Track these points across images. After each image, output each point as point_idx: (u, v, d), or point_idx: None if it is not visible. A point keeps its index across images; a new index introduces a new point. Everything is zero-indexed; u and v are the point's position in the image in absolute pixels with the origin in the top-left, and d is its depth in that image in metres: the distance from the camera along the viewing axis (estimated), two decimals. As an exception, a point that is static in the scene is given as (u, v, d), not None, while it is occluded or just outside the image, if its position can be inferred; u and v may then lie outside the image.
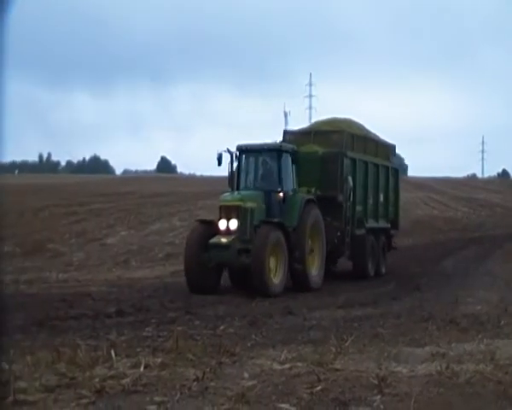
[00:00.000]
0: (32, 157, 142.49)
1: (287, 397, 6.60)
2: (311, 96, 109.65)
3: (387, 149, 24.27)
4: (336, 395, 6.67)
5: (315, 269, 18.03)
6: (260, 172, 18.32)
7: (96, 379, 7.01)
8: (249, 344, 9.64)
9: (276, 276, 16.49)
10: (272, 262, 16.37)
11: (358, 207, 21.01)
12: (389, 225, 23.42)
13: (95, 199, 45.30)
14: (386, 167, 23.43)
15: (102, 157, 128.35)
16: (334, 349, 8.74)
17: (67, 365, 7.67)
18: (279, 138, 20.45)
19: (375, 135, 24.32)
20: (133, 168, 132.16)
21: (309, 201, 17.96)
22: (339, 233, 19.65)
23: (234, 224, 16.53)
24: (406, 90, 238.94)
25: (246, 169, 18.29)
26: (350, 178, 20.00)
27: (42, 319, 11.74)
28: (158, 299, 15.07)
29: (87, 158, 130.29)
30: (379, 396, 6.59)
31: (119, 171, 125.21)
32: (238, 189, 17.98)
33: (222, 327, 11.28)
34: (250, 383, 7.06)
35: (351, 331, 10.61)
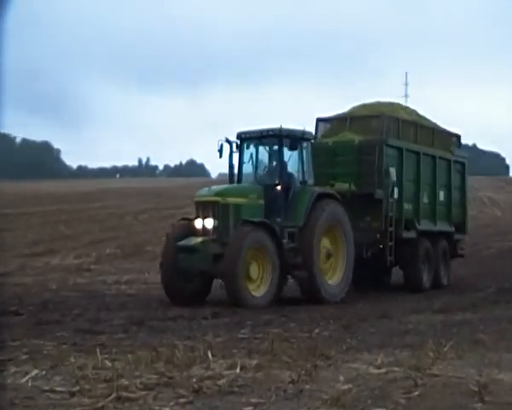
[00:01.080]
0: (132, 162, 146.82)
1: (383, 402, 6.50)
2: (406, 96, 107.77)
3: (448, 139, 20.70)
4: (434, 401, 6.52)
5: (334, 278, 15.39)
6: (260, 162, 15.93)
7: (194, 379, 7.13)
8: (344, 347, 9.55)
9: (260, 287, 14.03)
10: (254, 270, 13.93)
11: (407, 206, 18.14)
12: (452, 229, 20.14)
13: (190, 202, 45.98)
14: (448, 160, 19.97)
15: (198, 161, 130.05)
16: (431, 354, 8.53)
17: (166, 364, 7.84)
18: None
19: (434, 124, 20.79)
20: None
21: (322, 195, 15.17)
22: (378, 236, 17.09)
23: (210, 223, 14.14)
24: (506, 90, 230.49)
25: (246, 160, 15.86)
26: (393, 171, 17.22)
27: (141, 319, 12.06)
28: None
29: (184, 162, 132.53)
30: (480, 404, 6.39)
31: (214, 174, 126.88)
32: (239, 183, 15.82)
33: (317, 330, 11.22)
34: (345, 386, 7.00)
35: (449, 336, 10.33)
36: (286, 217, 14.73)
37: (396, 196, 17.37)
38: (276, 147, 15.47)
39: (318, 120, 18.72)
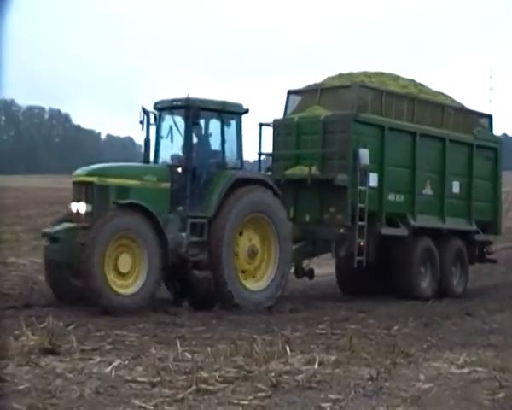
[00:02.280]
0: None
1: (465, 403, 6.37)
2: (491, 89, 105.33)
3: (470, 119, 16.97)
4: (520, 403, 6.33)
5: (260, 281, 12.76)
6: (170, 138, 13.25)
7: (272, 374, 7.16)
8: (425, 346, 9.40)
9: (132, 285, 11.49)
10: (124, 264, 11.43)
11: (393, 197, 14.87)
12: (473, 228, 16.54)
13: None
14: (468, 145, 16.45)
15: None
16: (517, 355, 8.31)
17: (244, 358, 7.92)
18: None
19: (458, 103, 17.40)
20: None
21: (242, 180, 12.51)
22: (342, 230, 14.07)
23: (82, 207, 11.82)
24: None
25: (164, 135, 13.29)
26: (364, 153, 13.98)
27: (221, 312, 12.13)
28: (331, 297, 15.11)
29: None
30: None
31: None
32: (156, 162, 13.29)
33: (396, 327, 11.08)
34: (426, 385, 6.90)
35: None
36: (194, 205, 12.29)
37: (373, 183, 14.34)
38: (183, 120, 12.78)
39: (289, 93, 15.80)
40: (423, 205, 15.49)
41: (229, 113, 13.00)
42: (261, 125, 15.19)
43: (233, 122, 13.08)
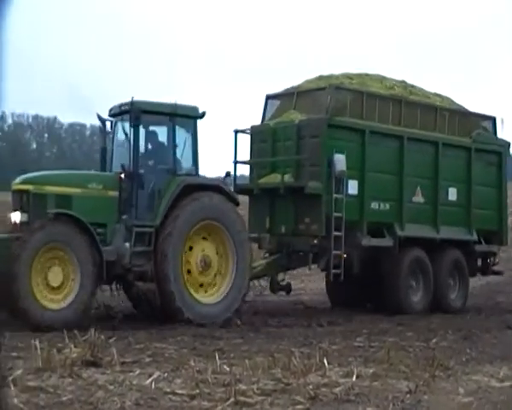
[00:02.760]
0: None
1: (506, 417, 6.30)
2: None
3: (469, 122, 15.39)
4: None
5: (216, 294, 11.98)
6: (123, 144, 12.49)
7: (310, 386, 7.18)
8: (464, 359, 9.30)
9: (63, 299, 10.86)
10: (54, 278, 10.77)
11: (377, 205, 13.69)
12: (473, 237, 15.02)
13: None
14: (466, 149, 14.93)
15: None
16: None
17: (282, 370, 7.93)
18: None
19: (457, 105, 15.95)
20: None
21: (193, 187, 11.81)
22: (315, 241, 13.24)
23: (17, 217, 11.19)
24: None
25: (115, 142, 12.70)
26: (340, 159, 12.91)
27: (259, 325, 12.22)
28: (370, 310, 15.01)
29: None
30: None
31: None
32: (111, 170, 12.51)
33: (435, 340, 10.99)
34: (466, 399, 6.84)
35: None
36: (141, 214, 11.71)
37: (353, 191, 13.38)
38: (128, 125, 12.02)
39: (267, 98, 14.96)
40: (413, 213, 14.16)
41: (182, 116, 12.25)
42: (236, 132, 14.67)
43: (187, 126, 12.38)
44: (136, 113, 11.63)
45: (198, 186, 11.81)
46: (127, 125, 11.95)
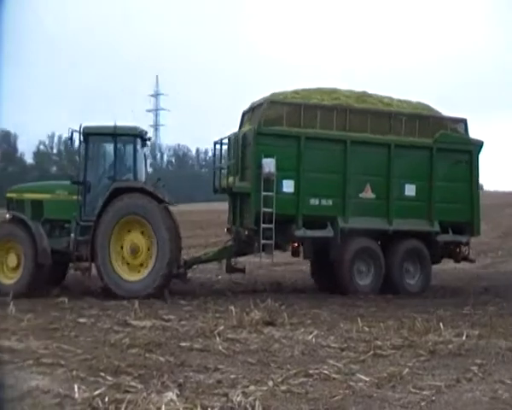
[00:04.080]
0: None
1: None
2: None
3: (435, 124, 12.93)
4: None
5: (140, 274, 11.24)
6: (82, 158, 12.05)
7: (429, 343, 7.16)
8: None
9: (16, 277, 10.99)
10: (11, 261, 11.09)
11: (318, 201, 11.96)
12: (434, 228, 12.57)
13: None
14: (427, 148, 12.60)
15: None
16: None
17: (408, 331, 7.93)
18: None
19: (436, 112, 13.47)
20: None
21: (123, 189, 11.30)
22: (246, 232, 12.06)
23: (7, 216, 11.58)
24: None
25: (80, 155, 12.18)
26: (268, 162, 11.65)
27: (390, 297, 11.79)
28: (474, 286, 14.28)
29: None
30: None
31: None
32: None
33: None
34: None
35: None
36: (88, 212, 11.39)
37: (288, 189, 11.84)
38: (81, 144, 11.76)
39: (243, 113, 13.55)
40: (361, 208, 12.19)
41: (122, 135, 11.69)
42: (215, 143, 13.56)
43: (128, 143, 11.81)
44: (84, 135, 11.54)
45: (126, 189, 11.35)
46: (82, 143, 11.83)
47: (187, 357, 6.37)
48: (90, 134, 11.57)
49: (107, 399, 4.81)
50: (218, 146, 13.53)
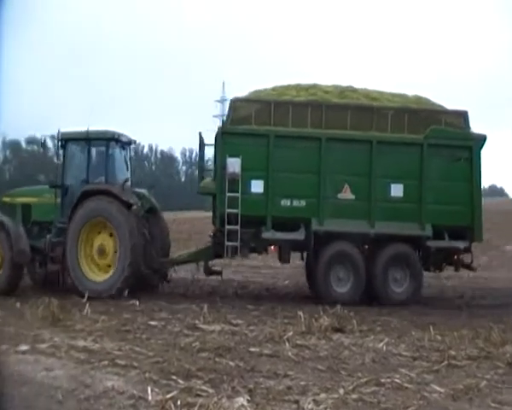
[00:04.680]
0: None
1: None
2: None
3: (422, 119, 11.57)
4: None
5: (105, 273, 11.29)
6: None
7: (507, 355, 6.84)
8: None
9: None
10: None
11: (290, 202, 11.10)
12: (424, 233, 11.11)
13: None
14: (416, 145, 11.24)
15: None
16: None
17: (484, 341, 7.63)
18: None
19: (438, 106, 12.15)
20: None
21: (91, 192, 11.40)
22: (211, 233, 11.80)
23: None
24: None
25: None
26: (233, 162, 11.03)
27: (460, 304, 11.69)
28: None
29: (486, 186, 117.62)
30: None
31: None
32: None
33: None
34: None
35: None
36: (64, 214, 11.58)
37: (258, 190, 11.08)
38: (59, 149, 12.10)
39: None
40: (339, 209, 11.15)
41: (95, 140, 11.79)
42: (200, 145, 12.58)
43: (101, 146, 11.93)
44: (60, 140, 11.77)
45: (95, 192, 11.44)
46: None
47: (256, 362, 6.40)
48: (66, 139, 11.82)
49: (179, 402, 4.90)
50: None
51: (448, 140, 11.39)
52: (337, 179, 11.16)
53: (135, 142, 13.03)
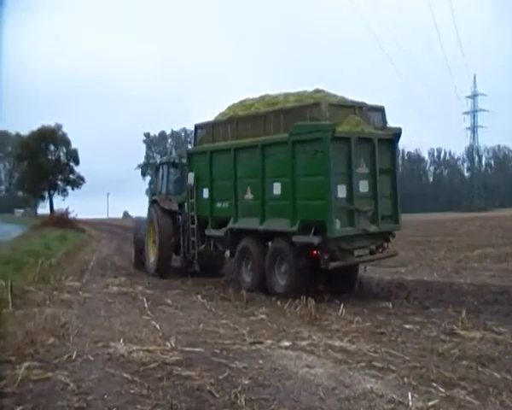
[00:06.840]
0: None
1: None
2: None
3: (294, 117, 11.15)
4: None
5: (152, 257, 15.57)
6: None
7: None
8: None
9: None
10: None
11: (221, 204, 13.01)
12: (292, 228, 10.89)
13: None
14: (284, 143, 11.10)
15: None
16: None
17: None
18: None
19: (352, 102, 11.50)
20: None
21: (152, 202, 15.91)
22: (181, 232, 14.94)
23: None
24: None
25: None
26: (190, 176, 13.81)
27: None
28: None
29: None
30: None
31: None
32: None
33: None
34: None
35: None
36: None
37: (206, 196, 13.45)
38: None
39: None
40: (246, 209, 12.37)
41: (154, 164, 15.55)
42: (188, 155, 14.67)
43: (165, 167, 15.92)
44: (154, 165, 16.11)
45: (153, 201, 15.45)
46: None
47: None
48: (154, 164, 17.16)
49: (442, 412, 4.69)
50: None
51: (306, 135, 11.07)
52: (243, 183, 12.49)
53: None
